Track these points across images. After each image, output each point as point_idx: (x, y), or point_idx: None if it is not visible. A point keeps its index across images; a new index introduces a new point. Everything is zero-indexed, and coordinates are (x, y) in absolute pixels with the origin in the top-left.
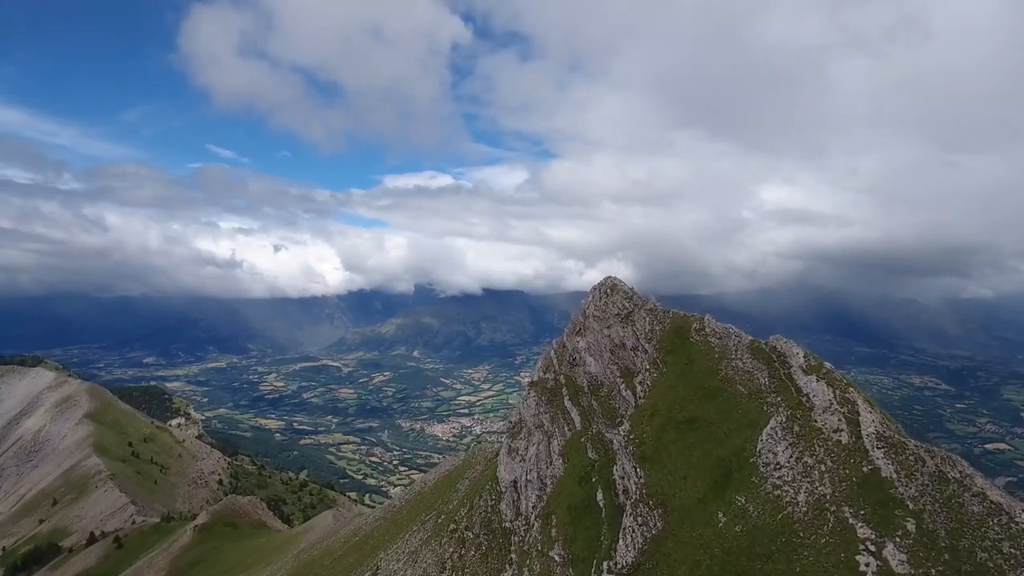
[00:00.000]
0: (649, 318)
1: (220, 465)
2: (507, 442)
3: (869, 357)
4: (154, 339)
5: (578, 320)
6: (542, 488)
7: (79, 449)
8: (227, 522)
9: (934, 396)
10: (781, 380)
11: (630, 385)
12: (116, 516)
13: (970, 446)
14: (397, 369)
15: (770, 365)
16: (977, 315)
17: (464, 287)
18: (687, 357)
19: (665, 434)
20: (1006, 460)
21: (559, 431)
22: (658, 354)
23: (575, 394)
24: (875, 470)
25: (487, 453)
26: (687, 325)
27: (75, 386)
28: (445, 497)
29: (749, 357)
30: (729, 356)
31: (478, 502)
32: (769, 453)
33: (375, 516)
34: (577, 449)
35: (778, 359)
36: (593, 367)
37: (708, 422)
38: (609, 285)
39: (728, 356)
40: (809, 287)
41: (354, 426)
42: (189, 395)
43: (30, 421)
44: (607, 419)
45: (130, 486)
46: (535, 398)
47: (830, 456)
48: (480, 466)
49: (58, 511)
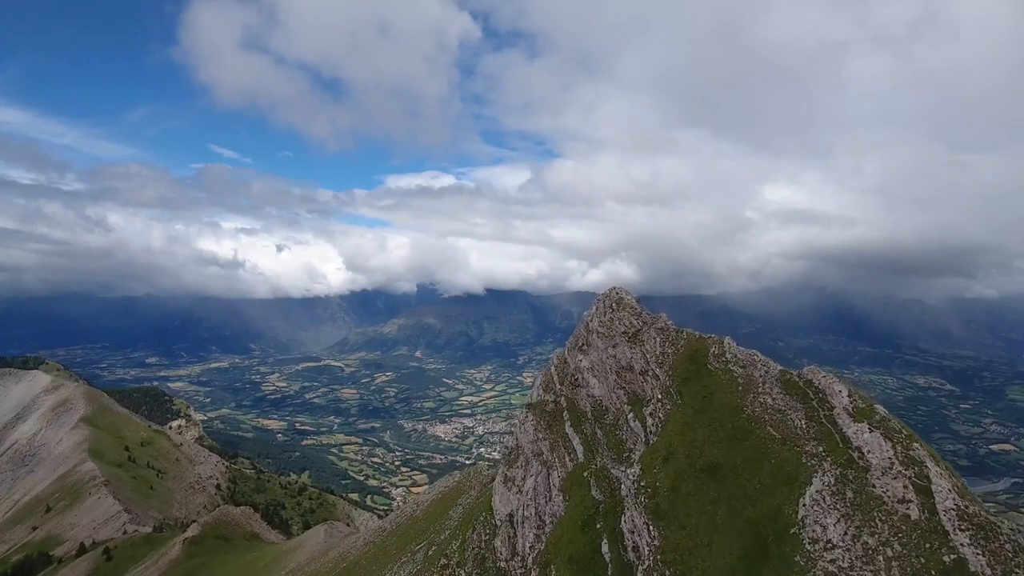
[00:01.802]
0: (660, 339)
1: (218, 469)
2: (503, 470)
3: (873, 357)
4: (157, 339)
5: (580, 334)
6: (540, 526)
7: (74, 454)
8: (218, 534)
9: (939, 396)
10: (821, 424)
11: (639, 415)
12: (109, 524)
13: (975, 447)
14: (399, 369)
15: (806, 403)
16: (982, 315)
17: (467, 287)
18: (705, 388)
19: (683, 483)
20: (1011, 461)
21: (559, 461)
22: (671, 382)
23: (577, 420)
24: (960, 561)
25: (482, 477)
26: (704, 349)
27: (71, 389)
28: (437, 525)
29: (780, 392)
30: (755, 389)
31: (471, 535)
32: (816, 526)
33: (365, 540)
34: (580, 485)
35: (815, 396)
36: (597, 390)
37: (734, 472)
38: (615, 298)
39: (754, 389)
40: (813, 287)
41: (356, 427)
42: (191, 395)
43: (25, 425)
44: (613, 452)
45: (125, 492)
46: (533, 422)
47: (898, 537)
48: (475, 491)
49: (51, 518)
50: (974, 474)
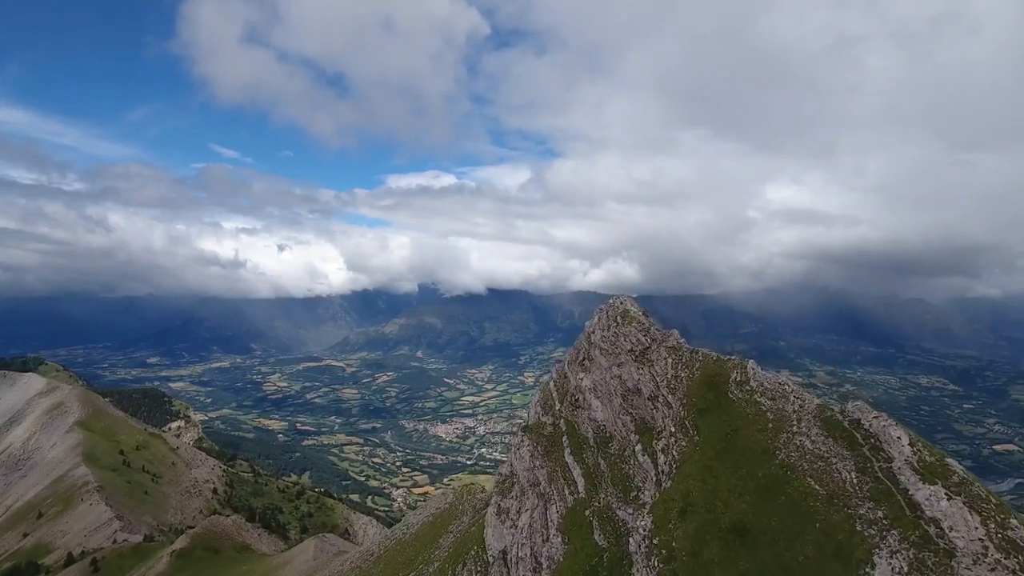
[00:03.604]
0: (671, 359)
1: (215, 473)
2: (496, 499)
3: (876, 357)
4: (158, 339)
5: (581, 346)
6: (536, 569)
7: (68, 458)
8: (207, 546)
9: (941, 396)
10: (878, 480)
11: (648, 448)
12: (99, 532)
13: (978, 447)
14: (400, 369)
15: (854, 449)
16: (985, 315)
17: (468, 287)
18: (727, 423)
19: (705, 546)
20: (1015, 462)
21: (558, 494)
22: (686, 412)
23: (578, 446)
24: None
25: (475, 501)
26: (723, 374)
27: (66, 392)
28: (426, 555)
29: (820, 433)
30: (789, 428)
31: (461, 571)
32: None
33: (352, 564)
34: (581, 525)
35: (866, 441)
36: (600, 413)
37: (769, 536)
38: (620, 311)
39: (787, 427)
40: (815, 287)
41: (357, 427)
42: (192, 396)
43: (19, 429)
44: (619, 488)
45: (118, 498)
46: (530, 448)
47: None
48: (467, 517)
49: (43, 524)
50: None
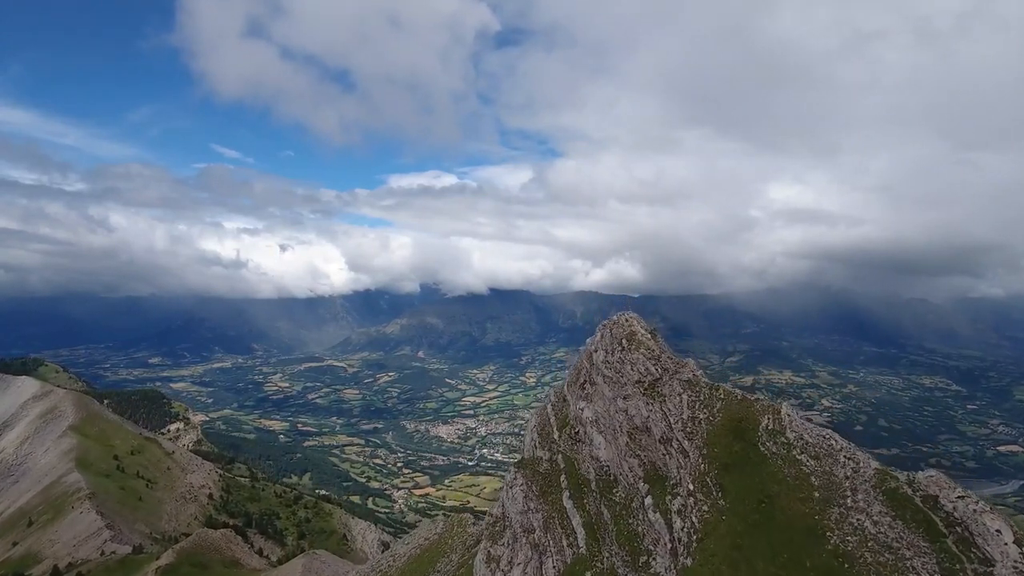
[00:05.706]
0: (687, 396)
1: (211, 478)
2: (485, 544)
3: (878, 357)
4: (160, 339)
5: (582, 366)
6: None
7: (60, 464)
8: (195, 561)
9: (944, 397)
10: None
11: (661, 503)
12: (89, 542)
13: (982, 448)
14: (402, 369)
15: (934, 539)
16: (988, 315)
17: (470, 287)
18: (760, 487)
19: None
20: (1019, 463)
21: (555, 546)
22: (707, 465)
23: (578, 489)
24: None
25: (465, 537)
26: (751, 419)
27: (60, 396)
28: None
29: (884, 511)
30: (841, 499)
31: None
32: None
33: None
34: None
35: (949, 528)
36: (603, 451)
37: None
38: (626, 332)
39: (840, 500)
40: (818, 287)
41: (359, 427)
42: (194, 396)
43: (12, 434)
44: (625, 548)
45: (111, 504)
46: (523, 488)
47: None
48: (456, 555)
49: (33, 533)
50: (981, 476)
